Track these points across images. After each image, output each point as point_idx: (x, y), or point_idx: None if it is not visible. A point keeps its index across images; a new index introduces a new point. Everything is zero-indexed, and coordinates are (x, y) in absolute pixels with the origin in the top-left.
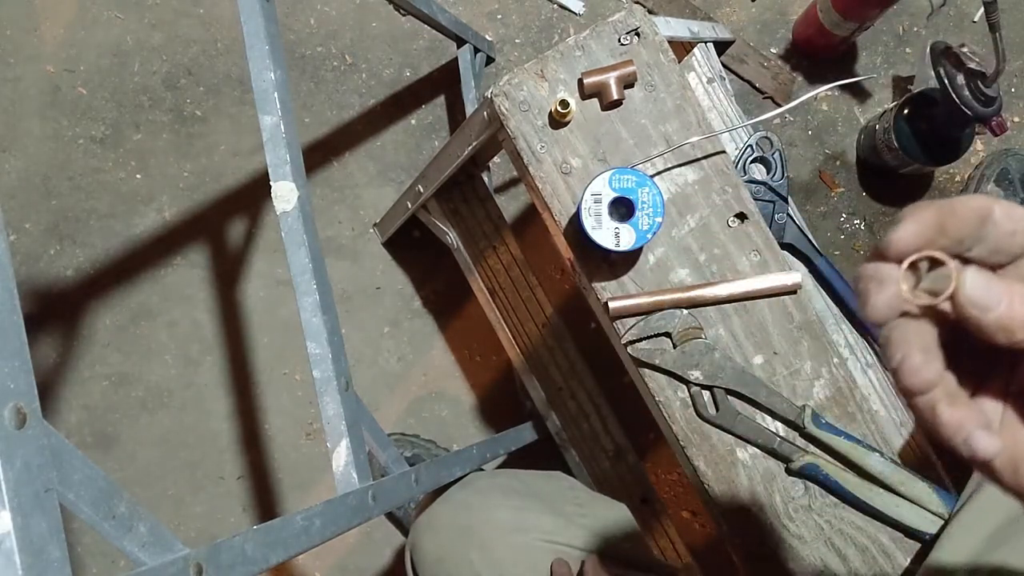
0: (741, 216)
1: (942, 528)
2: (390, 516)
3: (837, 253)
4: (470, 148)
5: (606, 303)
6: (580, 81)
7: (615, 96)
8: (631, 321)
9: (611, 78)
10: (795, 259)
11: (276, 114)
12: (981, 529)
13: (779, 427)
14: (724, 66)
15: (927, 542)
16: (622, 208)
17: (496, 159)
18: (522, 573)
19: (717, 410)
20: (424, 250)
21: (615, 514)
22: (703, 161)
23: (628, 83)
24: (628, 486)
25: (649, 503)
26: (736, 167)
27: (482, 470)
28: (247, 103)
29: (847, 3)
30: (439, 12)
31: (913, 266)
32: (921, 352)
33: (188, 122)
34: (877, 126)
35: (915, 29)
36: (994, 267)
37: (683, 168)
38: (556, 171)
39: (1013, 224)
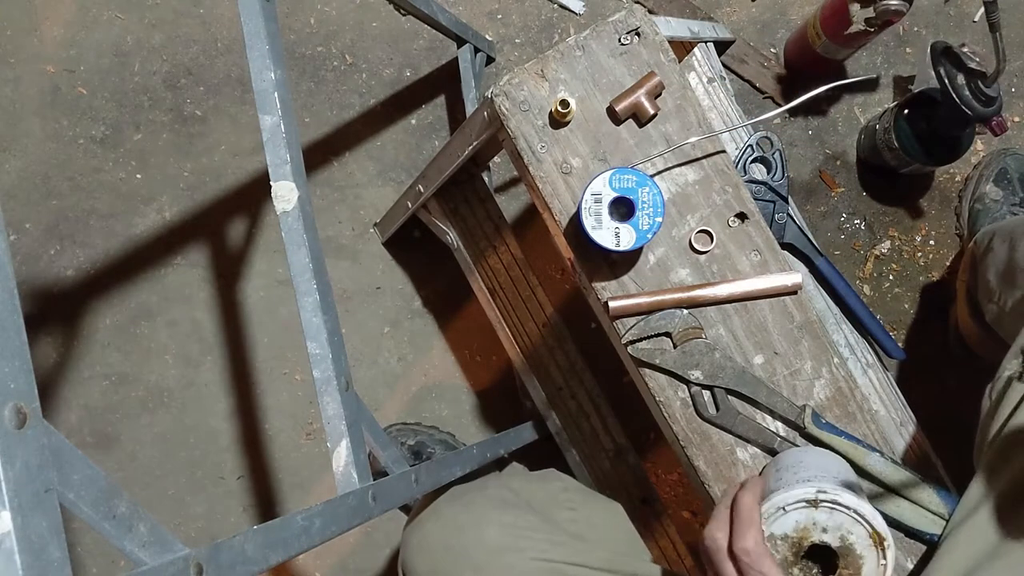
0: (741, 216)
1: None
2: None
3: (837, 253)
4: (470, 148)
5: (606, 303)
6: (610, 108)
7: (651, 112)
8: (631, 321)
9: (641, 96)
10: (795, 259)
11: (276, 114)
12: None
13: (779, 427)
14: (724, 66)
15: (927, 542)
16: (622, 208)
17: (496, 159)
18: None
19: (717, 410)
20: (424, 250)
21: (609, 516)
22: (703, 161)
23: (656, 93)
24: (628, 486)
25: (649, 503)
26: (736, 167)
27: (503, 464)
28: (247, 103)
29: (841, 37)
30: (439, 12)
31: None
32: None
33: (188, 122)
34: (877, 126)
35: (915, 29)
36: None
37: (683, 168)
38: (556, 171)
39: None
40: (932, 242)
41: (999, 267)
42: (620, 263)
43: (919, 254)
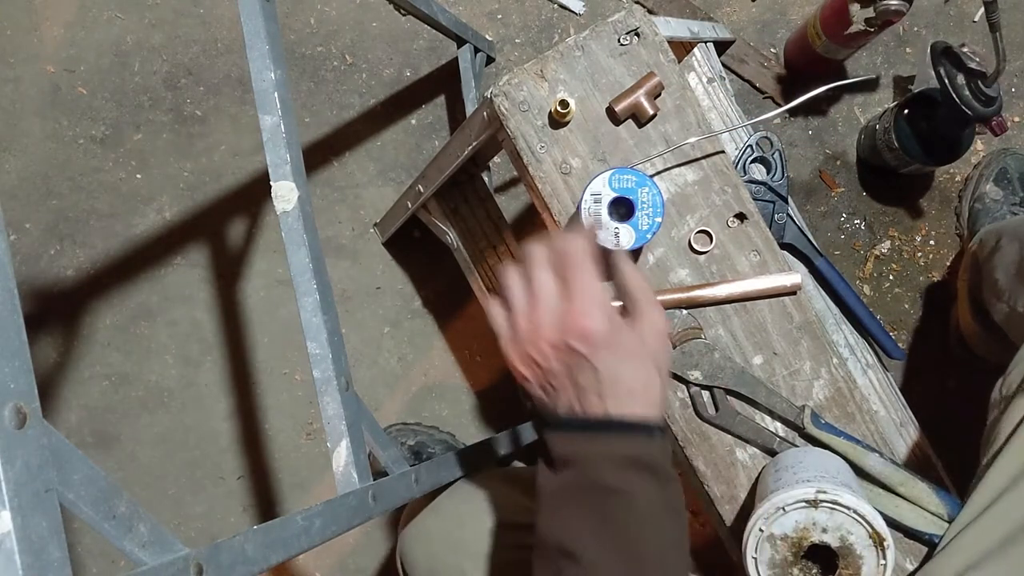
0: (741, 216)
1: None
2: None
3: (837, 253)
4: (470, 148)
5: None
6: (610, 109)
7: (650, 112)
8: None
9: (641, 96)
10: (795, 259)
11: (276, 114)
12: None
13: (779, 427)
14: (724, 66)
15: (926, 543)
16: (622, 208)
17: (496, 159)
18: None
19: (717, 410)
20: (424, 250)
21: None
22: (703, 161)
23: (656, 94)
24: None
25: None
26: (736, 167)
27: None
28: (247, 103)
29: (841, 37)
30: (439, 12)
31: None
32: None
33: (188, 122)
34: (877, 126)
35: (915, 29)
36: None
37: (683, 168)
38: (556, 171)
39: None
40: (932, 242)
41: (1009, 267)
42: None
43: (919, 254)
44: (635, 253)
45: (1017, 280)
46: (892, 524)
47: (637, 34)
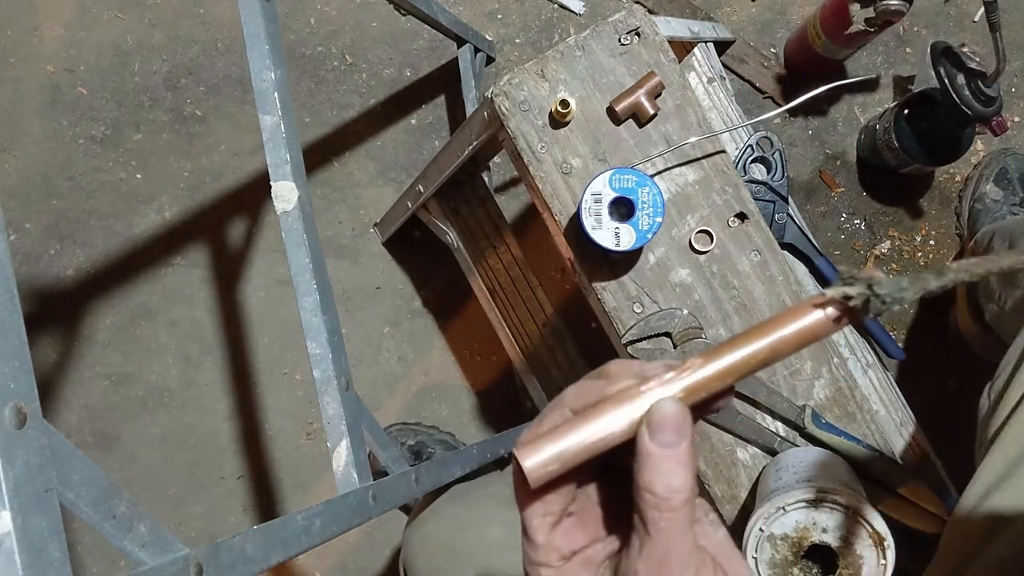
0: (741, 216)
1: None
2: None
3: (837, 253)
4: (470, 148)
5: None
6: (610, 108)
7: (651, 112)
8: (631, 321)
9: (641, 96)
10: (795, 259)
11: (276, 114)
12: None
13: (779, 427)
14: (724, 66)
15: (926, 543)
16: (622, 208)
17: (496, 159)
18: None
19: (717, 410)
20: (424, 250)
21: None
22: (703, 161)
23: (656, 93)
24: None
25: None
26: (736, 167)
27: (503, 464)
28: (247, 103)
29: (841, 37)
30: (439, 12)
31: None
32: None
33: (188, 122)
34: (877, 126)
35: (915, 29)
36: None
37: (683, 168)
38: (556, 171)
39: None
40: (932, 242)
41: None
42: (620, 263)
43: (919, 254)
44: (635, 253)
45: (1005, 280)
46: (892, 524)
47: (637, 34)
